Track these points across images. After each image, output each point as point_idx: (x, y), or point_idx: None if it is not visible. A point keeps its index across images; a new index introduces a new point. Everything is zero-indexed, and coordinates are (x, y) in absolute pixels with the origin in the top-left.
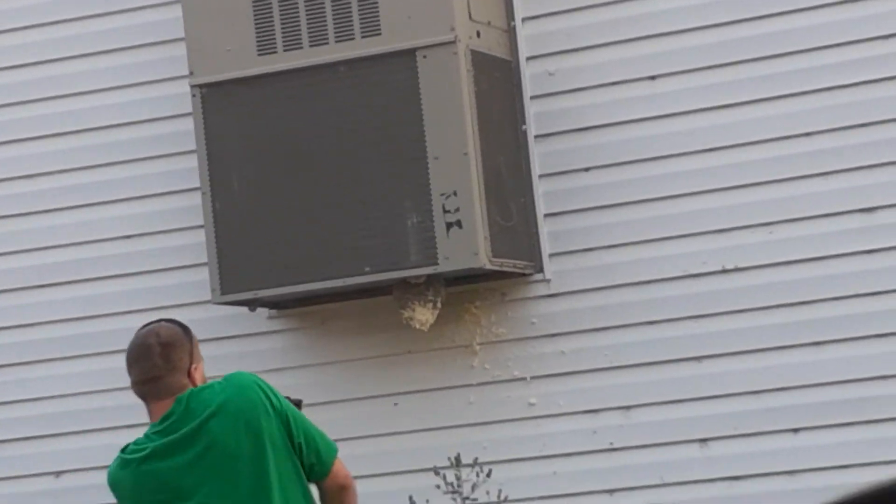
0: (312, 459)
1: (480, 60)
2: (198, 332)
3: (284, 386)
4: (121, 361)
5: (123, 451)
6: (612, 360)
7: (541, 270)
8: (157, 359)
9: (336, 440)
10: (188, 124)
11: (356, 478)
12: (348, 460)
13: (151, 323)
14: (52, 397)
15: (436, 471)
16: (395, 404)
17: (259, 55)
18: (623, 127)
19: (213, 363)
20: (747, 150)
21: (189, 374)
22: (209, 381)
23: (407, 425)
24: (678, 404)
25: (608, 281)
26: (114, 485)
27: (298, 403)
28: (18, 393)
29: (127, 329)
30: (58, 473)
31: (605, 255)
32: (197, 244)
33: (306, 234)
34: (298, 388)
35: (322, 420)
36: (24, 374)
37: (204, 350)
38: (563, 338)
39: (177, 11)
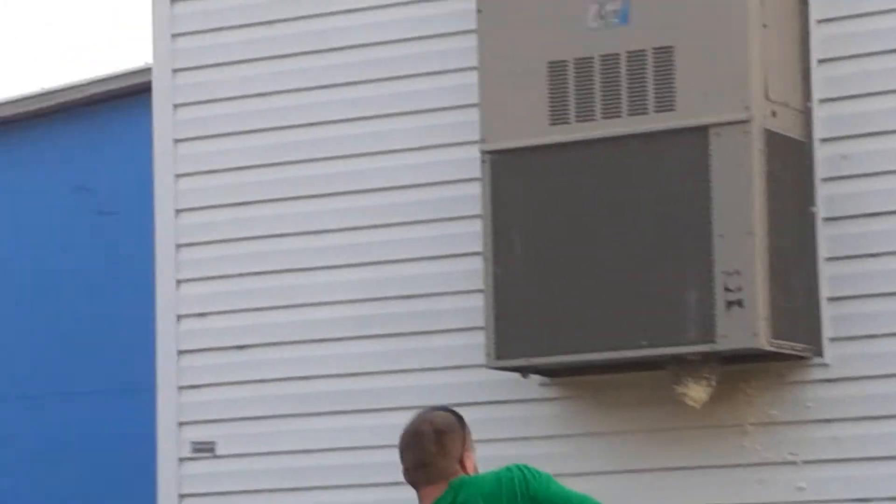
0: None
1: (773, 140)
2: (470, 396)
3: (553, 454)
4: (392, 418)
5: None
6: (888, 449)
7: (820, 354)
8: (430, 445)
9: None
10: (474, 189)
11: None
12: None
13: (426, 411)
14: (316, 451)
15: None
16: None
17: (551, 124)
18: None
19: (483, 427)
20: None
21: (461, 462)
22: (482, 472)
23: (673, 502)
24: None
25: (889, 369)
26: None
27: None
28: (286, 445)
29: (400, 388)
30: None
31: (888, 342)
32: (475, 308)
33: (584, 305)
34: (567, 456)
35: (586, 490)
36: (295, 426)
37: (474, 413)
38: (838, 423)
39: (472, 77)
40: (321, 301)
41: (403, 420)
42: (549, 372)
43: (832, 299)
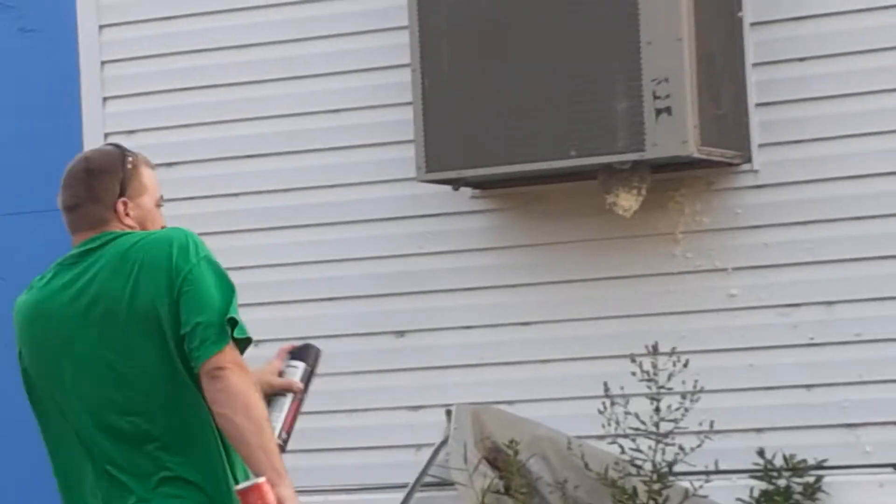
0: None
1: None
2: (400, 210)
3: (485, 266)
4: (323, 234)
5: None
6: (815, 254)
7: (749, 160)
8: (78, 186)
9: (534, 323)
10: (401, 1)
11: (554, 361)
12: (546, 343)
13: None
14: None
15: (632, 358)
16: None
17: None
18: (841, 17)
19: (414, 240)
20: None
21: (115, 208)
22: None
23: (604, 311)
24: (882, 302)
25: (817, 174)
26: (14, 312)
27: (310, 351)
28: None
29: (329, 203)
30: None
31: (816, 147)
32: (404, 121)
33: (513, 116)
34: (499, 268)
35: (518, 302)
36: (233, 242)
37: (405, 227)
38: (767, 230)
39: None
40: (249, 117)
41: (335, 237)
42: (479, 184)
43: (760, 105)
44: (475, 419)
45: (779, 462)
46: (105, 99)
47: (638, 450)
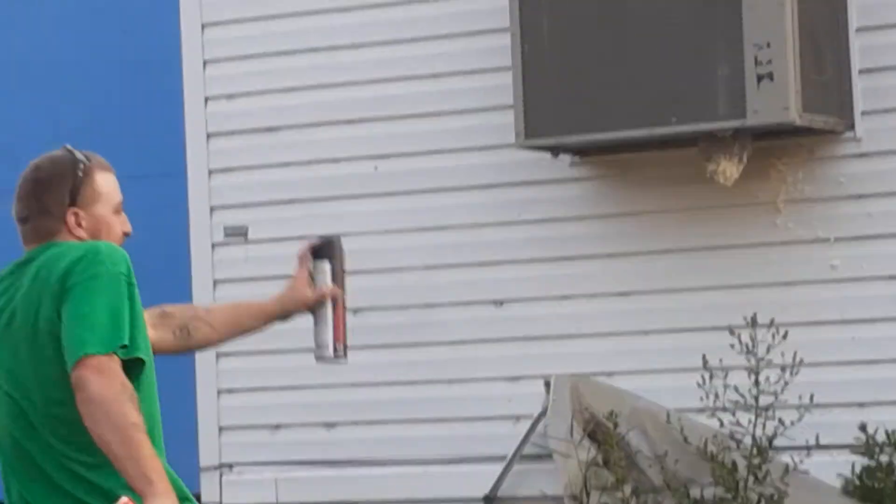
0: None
1: None
2: (498, 176)
3: (583, 235)
4: (420, 201)
5: None
6: None
7: (852, 128)
8: (28, 198)
9: (632, 293)
10: None
11: (652, 332)
12: (645, 314)
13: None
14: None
15: (731, 330)
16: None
17: None
18: None
19: (513, 207)
20: None
21: (65, 220)
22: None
23: (703, 281)
24: None
25: None
26: None
27: (330, 243)
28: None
29: (427, 169)
30: None
31: None
32: (504, 86)
33: (614, 82)
34: (596, 236)
35: (617, 272)
36: (323, 209)
37: (504, 194)
38: (871, 199)
39: None
40: (349, 80)
41: (433, 205)
42: (578, 151)
43: (864, 71)
44: (574, 390)
45: (881, 437)
46: (206, 62)
47: (737, 423)
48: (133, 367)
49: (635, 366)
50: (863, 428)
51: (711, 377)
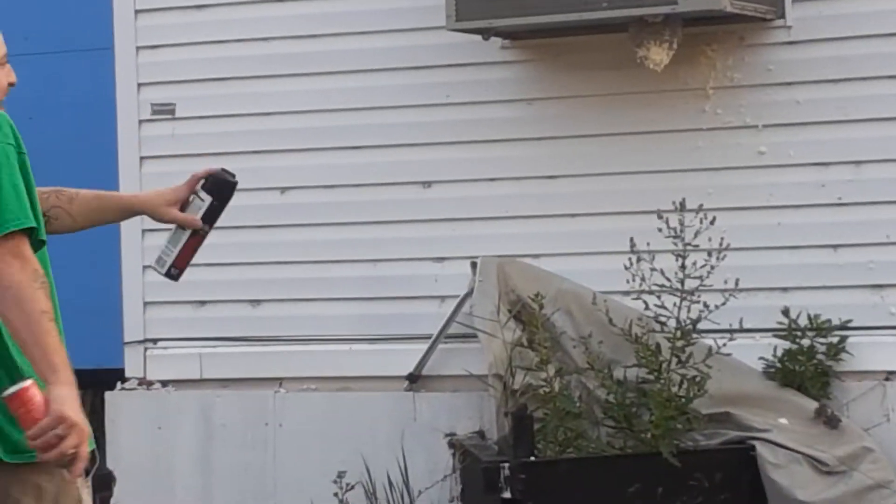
0: None
1: None
2: (429, 59)
3: (513, 118)
4: (348, 81)
5: None
6: (847, 112)
7: (782, 16)
8: None
9: (560, 176)
10: None
11: (580, 215)
12: (572, 197)
13: None
14: (276, 114)
15: (659, 214)
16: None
17: None
18: None
19: (443, 89)
20: None
21: None
22: None
23: (632, 166)
24: None
25: (851, 31)
26: None
27: (227, 185)
28: (246, 107)
29: (356, 50)
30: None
31: (850, 3)
32: None
33: None
34: (527, 120)
35: (546, 155)
36: (253, 88)
37: (434, 76)
38: (799, 87)
39: None
40: None
41: (361, 85)
42: (509, 34)
43: None
44: (500, 271)
45: (803, 322)
46: (139, 48)
47: (662, 306)
48: (33, 246)
49: (562, 248)
50: (785, 312)
51: (639, 260)
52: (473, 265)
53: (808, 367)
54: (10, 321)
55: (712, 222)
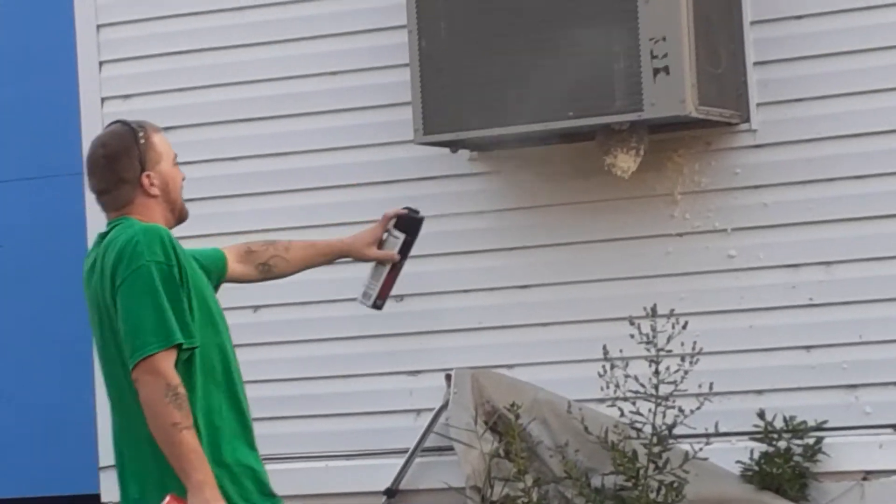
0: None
1: None
2: (398, 173)
3: (484, 229)
4: (319, 197)
5: None
6: (816, 213)
7: (747, 120)
8: (104, 172)
9: (532, 286)
10: None
11: (553, 324)
12: (545, 306)
13: (106, 129)
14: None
15: (631, 321)
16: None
17: None
18: None
19: (411, 203)
20: None
21: (141, 184)
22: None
23: (603, 273)
24: (882, 261)
25: (817, 133)
26: None
27: (416, 221)
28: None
29: (327, 166)
30: None
31: (815, 105)
32: (401, 83)
33: (511, 77)
34: (498, 230)
35: (517, 265)
36: (229, 207)
37: (404, 190)
38: (766, 189)
39: None
40: (245, 80)
41: (332, 201)
42: (477, 146)
43: (758, 63)
44: (475, 383)
45: (779, 424)
46: (101, 63)
47: (638, 412)
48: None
49: (536, 358)
50: (761, 415)
51: (612, 367)
52: (448, 377)
53: (786, 469)
54: (153, 433)
55: (684, 327)
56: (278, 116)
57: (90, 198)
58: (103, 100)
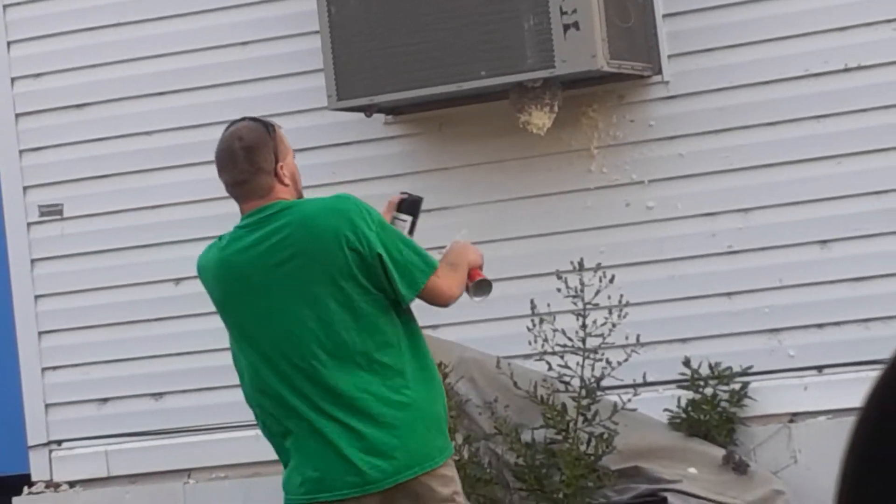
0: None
1: None
2: (314, 139)
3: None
4: None
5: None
6: (731, 161)
7: (659, 72)
8: (242, 163)
9: None
10: None
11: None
12: None
13: (235, 124)
14: (165, 206)
15: (558, 275)
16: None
17: None
18: None
19: (330, 168)
20: None
21: (276, 174)
22: (308, 198)
23: (524, 230)
24: (798, 206)
25: (728, 82)
26: (200, 269)
27: (417, 202)
28: (133, 201)
29: None
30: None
31: (725, 55)
32: (313, 50)
33: (422, 39)
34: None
35: (438, 226)
36: (139, 183)
37: (320, 156)
38: (681, 140)
39: None
40: (156, 53)
41: None
42: (392, 110)
43: (668, 15)
44: None
45: (704, 371)
46: (10, 43)
47: (566, 366)
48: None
49: (463, 318)
50: (686, 363)
51: (541, 322)
52: None
53: (713, 415)
54: (452, 296)
55: (611, 280)
56: (191, 89)
57: (4, 176)
58: (13, 80)
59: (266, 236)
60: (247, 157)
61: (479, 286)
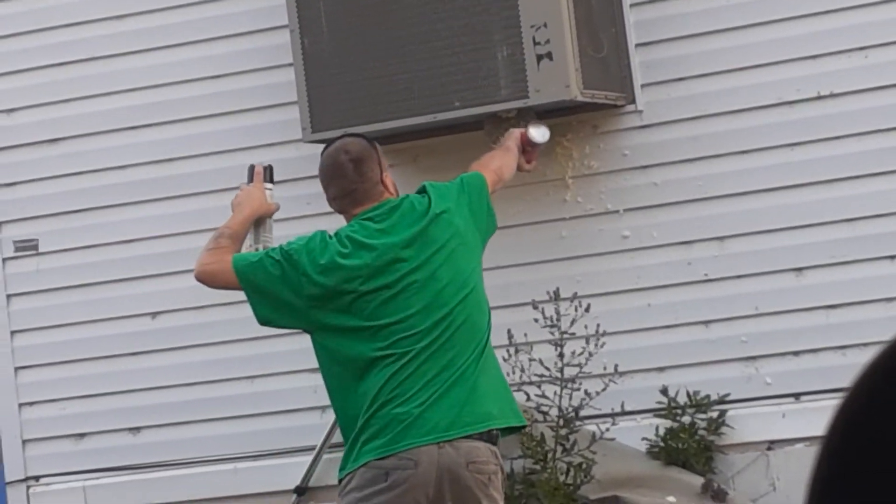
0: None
1: None
2: (289, 172)
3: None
4: (210, 202)
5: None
6: (705, 190)
7: (633, 101)
8: (351, 174)
9: None
10: None
11: None
12: None
13: (340, 140)
14: (140, 240)
15: (534, 305)
16: None
17: None
18: None
19: (304, 200)
20: None
21: (383, 183)
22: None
23: (500, 260)
24: (773, 234)
25: (701, 110)
26: (297, 250)
27: (272, 169)
28: (109, 236)
29: (216, 170)
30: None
31: (698, 83)
32: (287, 83)
33: (396, 71)
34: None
35: None
36: (114, 217)
37: (295, 189)
38: (655, 169)
39: None
40: (128, 88)
41: (223, 204)
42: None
43: (640, 45)
44: None
45: (682, 399)
46: None
47: (544, 396)
48: None
49: None
50: (664, 391)
51: (517, 352)
52: None
53: (691, 443)
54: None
55: (587, 310)
56: (164, 123)
57: None
58: None
59: (391, 227)
60: (356, 168)
61: (535, 126)
